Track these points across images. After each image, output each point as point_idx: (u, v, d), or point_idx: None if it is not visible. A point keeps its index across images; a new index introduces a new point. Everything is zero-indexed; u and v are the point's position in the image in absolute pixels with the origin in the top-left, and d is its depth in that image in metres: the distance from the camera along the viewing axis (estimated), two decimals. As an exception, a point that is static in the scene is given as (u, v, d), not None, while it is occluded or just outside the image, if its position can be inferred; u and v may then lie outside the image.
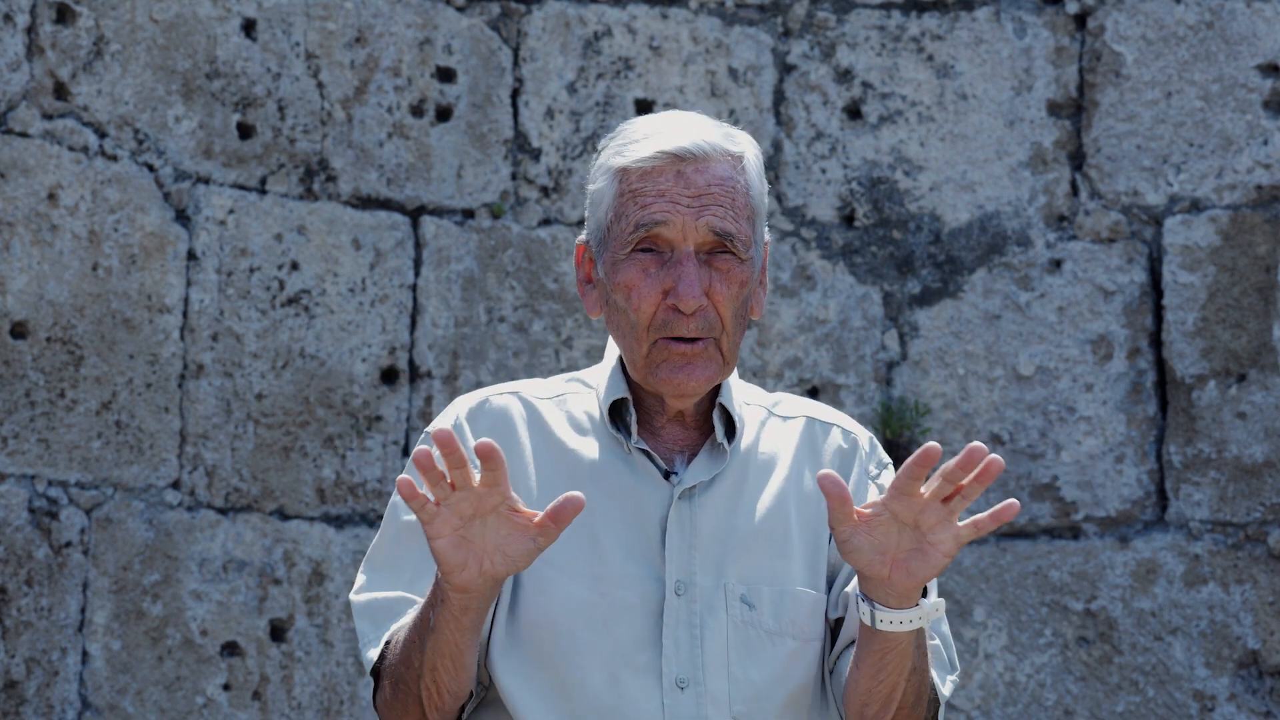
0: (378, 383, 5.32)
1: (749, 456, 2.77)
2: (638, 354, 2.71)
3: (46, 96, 5.01)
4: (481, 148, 5.48)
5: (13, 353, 4.92)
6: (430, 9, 5.47)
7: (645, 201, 2.68)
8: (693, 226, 2.67)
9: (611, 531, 2.68)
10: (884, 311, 5.51)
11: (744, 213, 2.71)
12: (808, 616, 2.71)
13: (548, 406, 2.79)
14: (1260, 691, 5.24)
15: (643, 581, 2.66)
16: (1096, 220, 5.47)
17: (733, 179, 2.71)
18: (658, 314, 2.68)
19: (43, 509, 4.91)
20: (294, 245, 5.28)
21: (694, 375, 2.69)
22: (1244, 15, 5.44)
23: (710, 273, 2.69)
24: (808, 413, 2.85)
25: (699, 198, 2.68)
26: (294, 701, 5.15)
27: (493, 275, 5.44)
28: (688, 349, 2.68)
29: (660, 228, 2.67)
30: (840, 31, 5.58)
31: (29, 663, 4.88)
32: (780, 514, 2.74)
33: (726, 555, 2.70)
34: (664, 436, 2.76)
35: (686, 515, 2.70)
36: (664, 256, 2.69)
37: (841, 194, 5.55)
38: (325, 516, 5.24)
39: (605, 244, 2.73)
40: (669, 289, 2.68)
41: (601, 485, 2.70)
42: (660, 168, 2.69)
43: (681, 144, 2.70)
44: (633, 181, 2.70)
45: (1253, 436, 5.30)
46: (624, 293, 2.70)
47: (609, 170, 2.74)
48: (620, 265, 2.70)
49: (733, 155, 2.73)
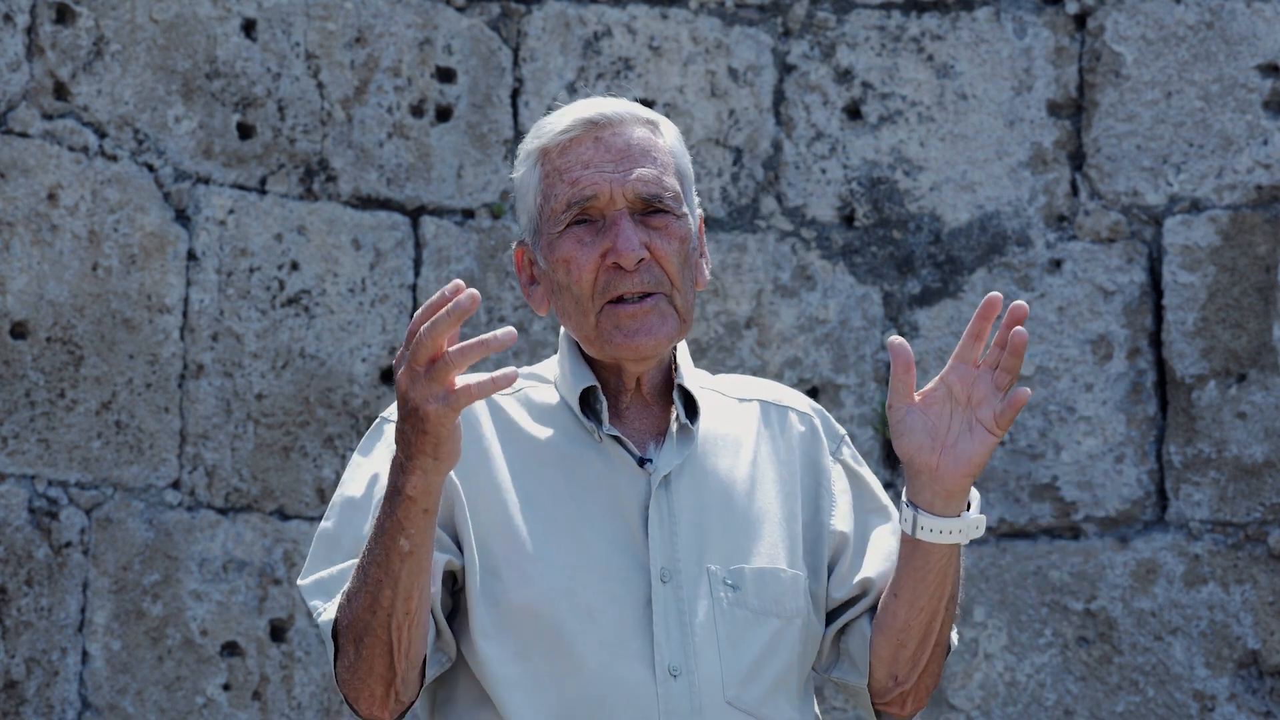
0: (378, 383, 5.32)
1: (710, 439, 2.77)
2: (587, 326, 2.70)
3: (46, 96, 5.02)
4: (481, 148, 5.48)
5: (13, 353, 4.92)
6: (430, 9, 5.47)
7: (571, 177, 2.69)
8: (620, 188, 2.68)
9: (591, 521, 2.67)
10: (884, 311, 5.51)
11: (669, 169, 2.71)
12: (788, 594, 2.72)
13: (507, 401, 2.76)
14: (1260, 691, 5.24)
15: (627, 571, 2.65)
16: (1096, 220, 5.47)
17: (650, 139, 2.72)
18: (599, 278, 2.68)
19: (43, 509, 4.92)
20: (294, 245, 5.28)
21: (651, 334, 2.69)
22: (1244, 15, 5.44)
23: (647, 231, 2.69)
24: (759, 395, 2.85)
25: (622, 160, 2.69)
26: (294, 701, 5.15)
27: (493, 275, 5.44)
28: (636, 309, 2.68)
29: (591, 200, 2.67)
30: (840, 31, 5.58)
31: (29, 663, 4.88)
32: (750, 496, 2.75)
33: (706, 540, 2.69)
34: (629, 420, 2.75)
35: (665, 501, 2.69)
36: (598, 225, 2.69)
37: (841, 194, 5.55)
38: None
39: (539, 231, 2.73)
40: (607, 250, 2.67)
41: (575, 475, 2.69)
42: (578, 138, 2.70)
43: (596, 111, 2.72)
44: (554, 159, 2.71)
45: (1253, 436, 5.30)
46: (564, 267, 2.69)
47: (529, 155, 2.75)
48: (555, 243, 2.70)
49: (648, 120, 2.74)
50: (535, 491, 2.69)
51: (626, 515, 2.68)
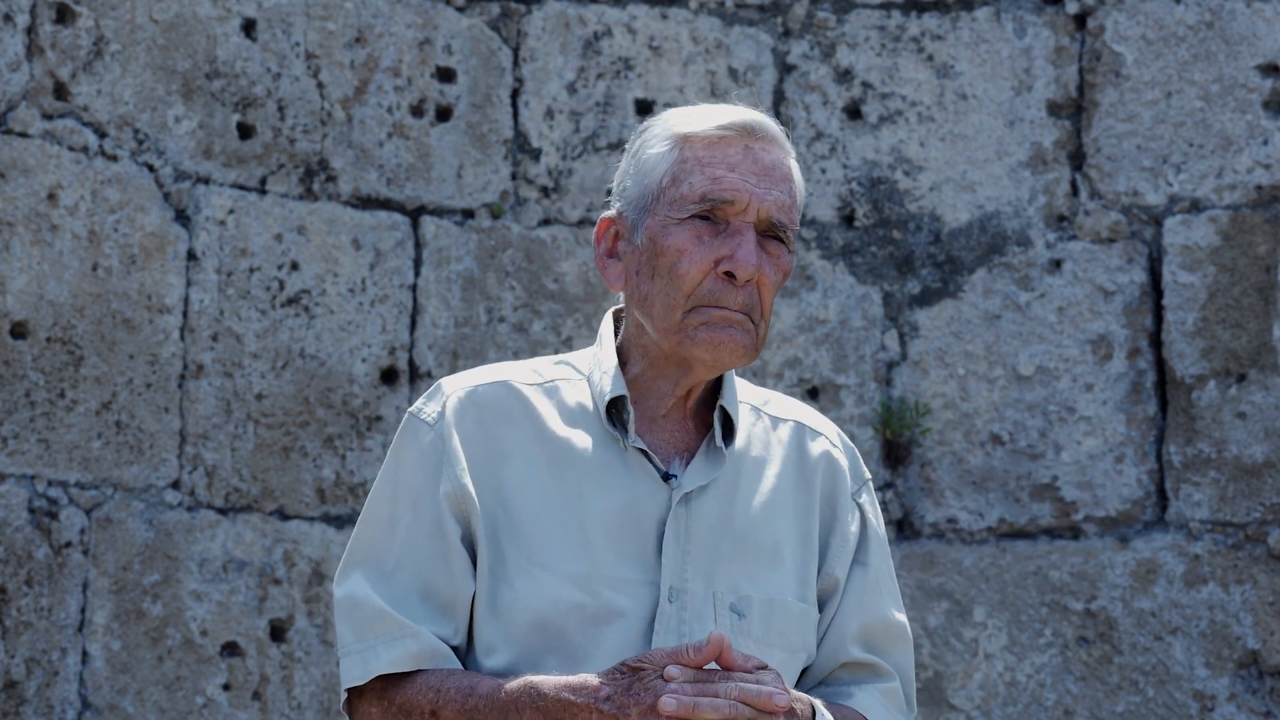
0: (378, 383, 5.32)
1: (741, 459, 2.74)
2: (671, 320, 2.66)
3: (46, 96, 5.01)
4: (481, 148, 5.48)
5: (13, 353, 4.91)
6: (430, 9, 5.47)
7: (714, 173, 2.65)
8: (759, 203, 2.64)
9: (605, 530, 2.64)
10: (884, 311, 5.51)
11: (798, 204, 2.70)
12: (796, 628, 2.69)
13: (537, 395, 2.73)
14: (1260, 691, 5.24)
15: (635, 586, 2.63)
16: (1096, 220, 5.47)
17: (791, 168, 2.70)
18: (705, 281, 2.64)
19: (43, 509, 4.91)
20: (294, 245, 5.28)
21: (735, 340, 2.65)
22: (1244, 15, 5.44)
23: (762, 254, 2.66)
24: (798, 417, 2.82)
25: (766, 176, 2.66)
26: (294, 701, 5.15)
27: (493, 275, 5.44)
28: (731, 315, 2.64)
29: (727, 204, 2.64)
30: (840, 31, 5.58)
31: (29, 663, 4.87)
32: (771, 522, 2.71)
33: (717, 562, 2.67)
34: (660, 433, 2.71)
35: (683, 520, 2.66)
36: (719, 227, 2.65)
37: (841, 194, 5.55)
38: (325, 516, 5.24)
39: (651, 210, 2.68)
40: (723, 258, 2.63)
41: (596, 480, 2.66)
42: (729, 139, 2.66)
43: (752, 120, 2.68)
44: (698, 149, 2.67)
45: (1253, 436, 5.30)
46: (674, 255, 2.65)
47: (670, 136, 2.69)
48: (670, 229, 2.66)
49: (789, 149, 2.72)
50: (554, 494, 2.66)
51: (642, 528, 2.65)
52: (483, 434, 2.68)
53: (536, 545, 2.63)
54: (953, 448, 5.43)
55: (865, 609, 2.77)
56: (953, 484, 5.42)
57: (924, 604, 5.36)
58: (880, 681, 2.77)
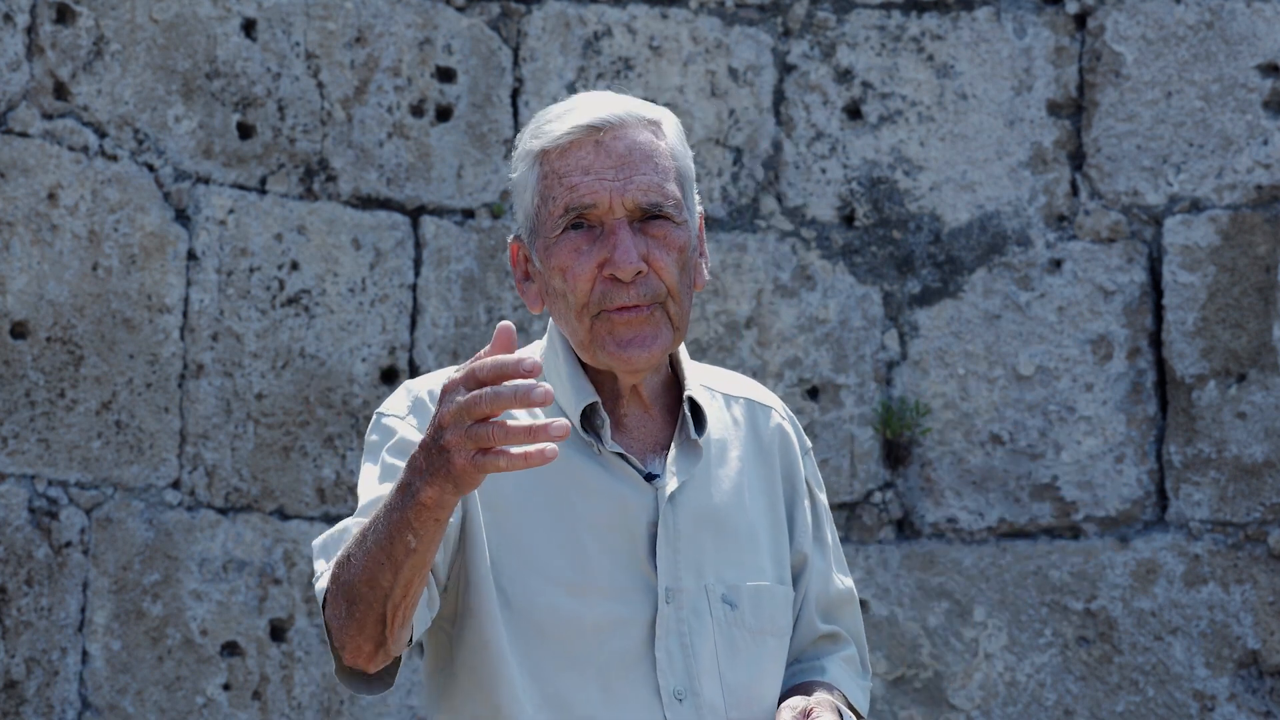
0: (378, 383, 5.32)
1: (707, 444, 2.72)
2: (581, 333, 2.63)
3: (46, 96, 5.01)
4: (481, 148, 5.48)
5: (13, 353, 4.92)
6: (430, 9, 5.47)
7: (570, 182, 2.62)
8: (620, 197, 2.61)
9: (595, 537, 2.62)
10: (884, 311, 5.51)
11: (670, 174, 2.65)
12: (780, 611, 2.70)
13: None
14: (1260, 691, 5.24)
15: (632, 592, 2.62)
16: (1096, 220, 5.47)
17: (652, 143, 2.65)
18: (595, 288, 2.61)
19: (43, 509, 4.91)
20: (294, 245, 5.28)
21: (645, 348, 2.62)
22: (1244, 15, 5.44)
23: (646, 240, 2.62)
24: (747, 394, 2.81)
25: (622, 166, 2.62)
26: (294, 701, 5.15)
27: (493, 275, 5.44)
28: (631, 318, 2.61)
29: (590, 208, 2.61)
30: (840, 31, 5.58)
31: (29, 663, 4.88)
32: (743, 506, 2.71)
33: (703, 555, 2.66)
34: (629, 429, 2.70)
35: (671, 519, 2.65)
36: (595, 232, 2.63)
37: (841, 194, 5.55)
38: (325, 516, 5.24)
39: (536, 232, 2.66)
40: (604, 260, 2.61)
41: (579, 487, 2.64)
42: (578, 141, 2.63)
43: (597, 114, 2.65)
44: (553, 161, 2.64)
45: (1253, 436, 5.30)
46: (559, 274, 2.62)
47: (528, 155, 2.67)
48: (552, 248, 2.63)
49: (649, 120, 2.68)
50: (540, 504, 2.64)
51: (633, 531, 2.64)
52: None
53: (529, 551, 2.62)
54: (953, 448, 5.44)
55: (826, 583, 2.79)
56: (953, 484, 5.42)
57: (924, 604, 5.36)
58: (840, 649, 2.79)
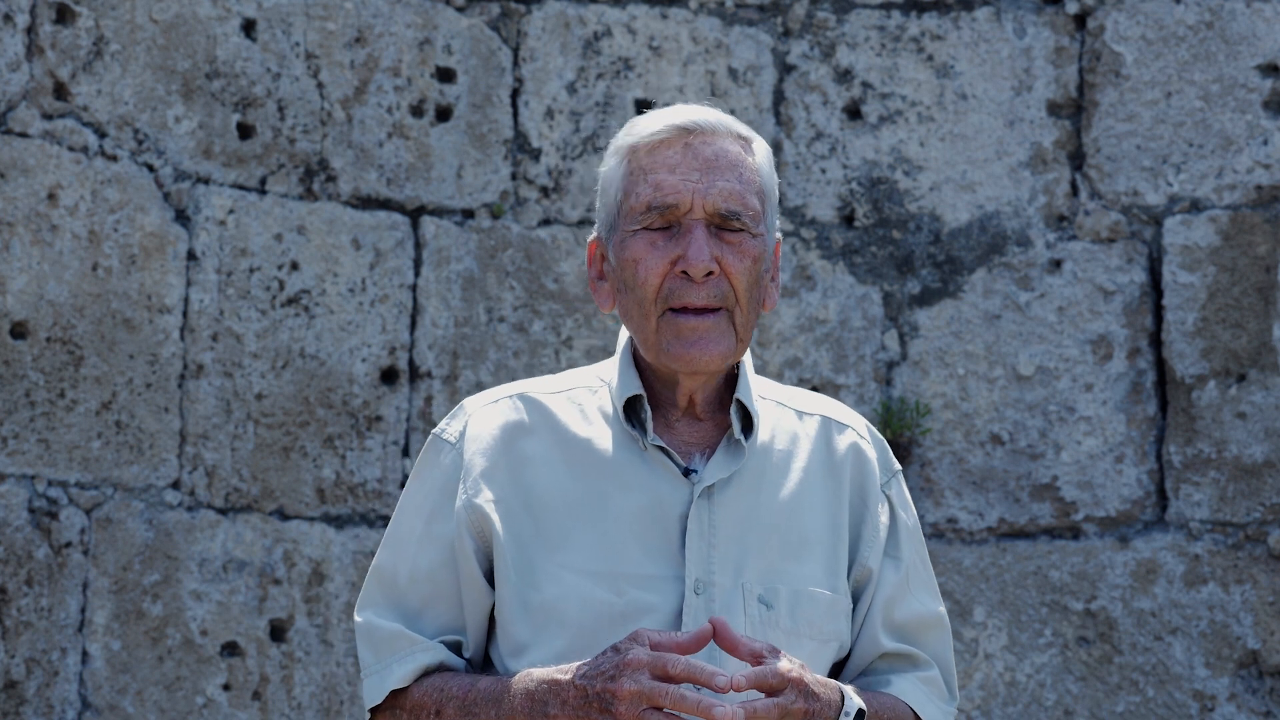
0: (378, 383, 5.32)
1: (766, 452, 2.75)
2: (647, 330, 2.69)
3: (46, 96, 5.01)
4: (481, 148, 5.48)
5: (13, 353, 4.92)
6: (430, 9, 5.47)
7: (655, 179, 2.67)
8: (701, 199, 2.66)
9: (628, 528, 2.66)
10: (884, 311, 5.51)
11: (752, 187, 2.70)
12: (824, 617, 2.71)
13: (558, 402, 2.76)
14: (1260, 691, 5.24)
15: (661, 582, 2.65)
16: (1096, 220, 5.47)
17: (740, 155, 2.71)
18: (665, 283, 2.66)
19: (43, 509, 4.91)
20: (294, 245, 5.28)
21: (707, 350, 2.67)
22: (1244, 15, 5.44)
23: (721, 244, 2.67)
24: (824, 411, 2.83)
25: (707, 169, 2.67)
26: (294, 701, 5.15)
27: (493, 275, 5.44)
28: (698, 323, 2.66)
29: (671, 208, 2.66)
30: (840, 31, 5.58)
31: (29, 663, 4.88)
32: (797, 514, 2.73)
33: (745, 554, 2.68)
34: (679, 432, 2.74)
35: (705, 513, 2.68)
36: (672, 230, 2.67)
37: (841, 194, 5.55)
38: (325, 516, 5.24)
39: (614, 226, 2.72)
40: (677, 258, 2.66)
41: (617, 480, 2.68)
42: (668, 140, 2.68)
43: (690, 117, 2.70)
44: (641, 158, 2.69)
45: (1253, 436, 5.30)
46: (631, 267, 2.68)
47: (618, 150, 2.73)
48: (628, 242, 2.69)
49: (741, 136, 2.73)
50: (577, 497, 2.68)
51: (666, 524, 2.67)
52: (504, 445, 2.72)
53: (562, 547, 2.66)
54: (953, 448, 5.44)
55: (898, 601, 2.79)
56: (953, 484, 5.42)
57: (924, 604, 5.37)
58: (918, 670, 2.79)
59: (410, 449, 5.32)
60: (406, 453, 5.32)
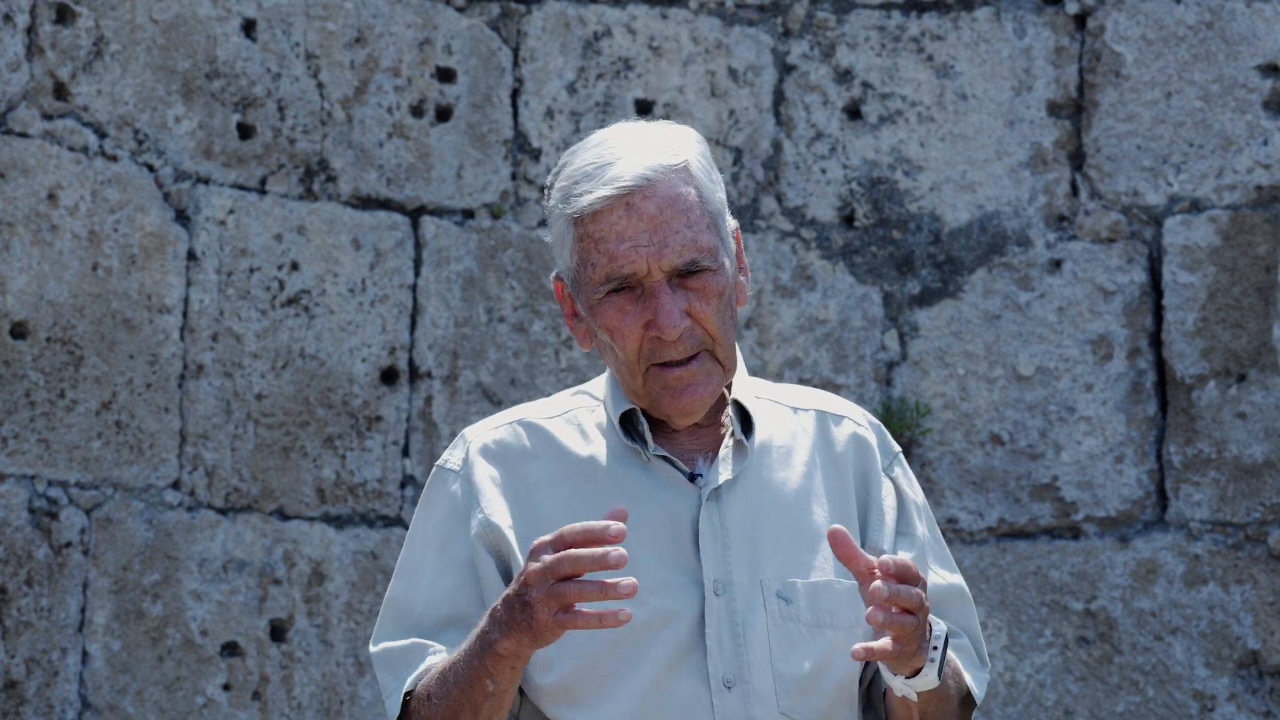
0: (378, 383, 5.32)
1: (766, 451, 2.77)
2: (635, 385, 2.72)
3: (46, 96, 5.01)
4: (481, 148, 5.48)
5: (13, 353, 4.92)
6: (430, 9, 5.47)
7: (607, 249, 2.67)
8: (656, 261, 2.66)
9: (641, 539, 2.66)
10: (884, 311, 5.51)
11: (702, 223, 2.69)
12: (845, 605, 2.71)
13: (557, 424, 2.79)
14: (1260, 691, 5.24)
15: (680, 587, 2.67)
16: (1096, 220, 5.47)
17: (682, 196, 2.69)
18: (643, 346, 2.69)
19: (43, 509, 4.91)
20: (294, 245, 5.28)
21: (696, 394, 2.70)
22: (1244, 15, 5.44)
23: (686, 294, 2.68)
24: (818, 405, 2.85)
25: (655, 229, 2.66)
26: (294, 701, 5.15)
27: (493, 275, 5.44)
28: (682, 373, 2.69)
29: (628, 276, 2.67)
30: (840, 31, 5.58)
31: (29, 663, 4.88)
32: (805, 508, 2.75)
33: (759, 552, 2.70)
34: (679, 439, 2.76)
35: (716, 515, 2.70)
36: (637, 292, 2.68)
37: (841, 194, 5.55)
38: (325, 516, 5.24)
39: (579, 286, 2.73)
40: (649, 321, 2.68)
41: (625, 494, 2.70)
42: (610, 207, 2.67)
43: (623, 179, 2.68)
44: (587, 226, 2.69)
45: (1253, 436, 5.30)
46: (609, 334, 2.70)
47: (563, 218, 2.72)
48: (597, 309, 2.70)
49: (675, 169, 2.71)
50: (587, 515, 2.66)
51: (678, 531, 2.69)
52: (508, 472, 2.74)
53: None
54: (953, 448, 5.44)
55: None
56: (953, 484, 5.42)
57: (924, 604, 5.36)
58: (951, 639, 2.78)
59: (410, 449, 5.32)
60: (406, 453, 5.32)
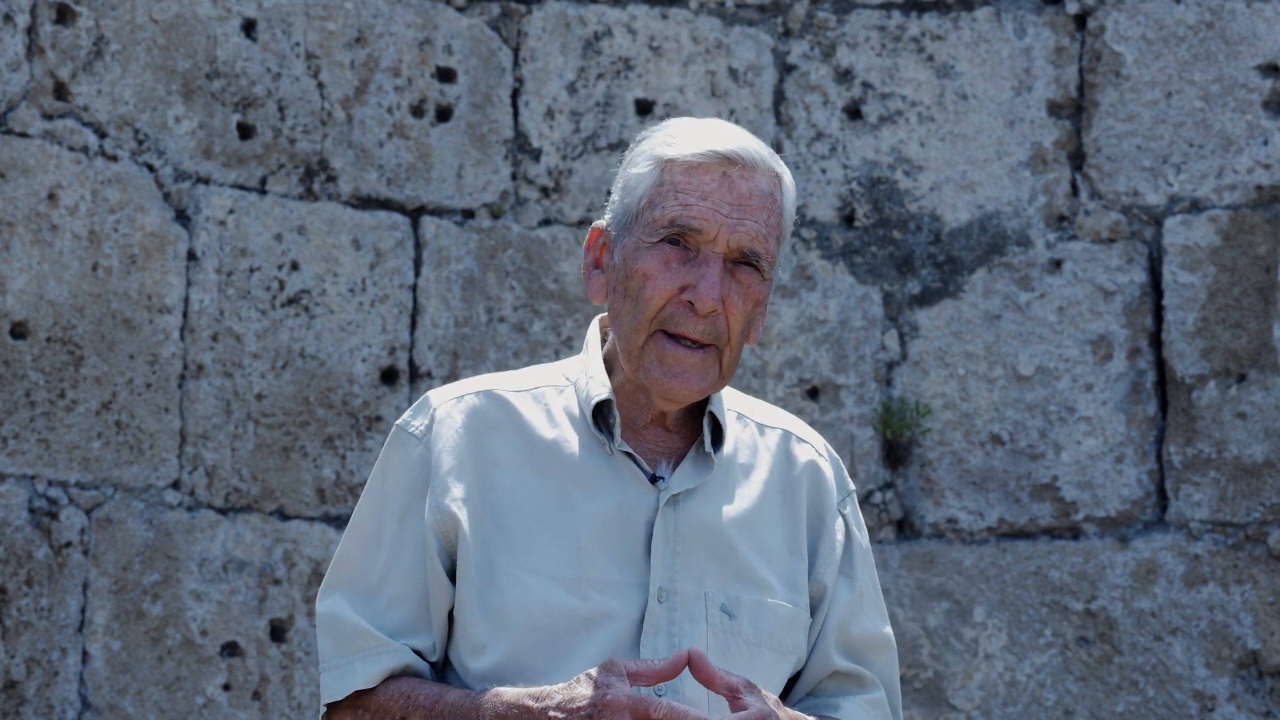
0: (378, 383, 5.32)
1: (730, 464, 2.75)
2: (633, 344, 2.67)
3: (46, 96, 5.02)
4: (481, 148, 5.48)
5: (13, 353, 4.92)
6: (430, 9, 5.47)
7: (686, 200, 2.65)
8: (728, 232, 2.65)
9: (594, 533, 2.65)
10: (884, 311, 5.51)
11: (775, 231, 2.69)
12: (785, 630, 2.71)
13: (524, 401, 2.75)
14: (1260, 691, 5.24)
15: (624, 588, 2.64)
16: (1096, 220, 5.47)
17: (772, 195, 2.69)
18: (667, 307, 2.65)
19: (43, 509, 4.92)
20: (294, 245, 5.28)
21: (689, 383, 2.67)
22: (1244, 15, 5.44)
23: (731, 282, 2.66)
24: (785, 425, 2.83)
25: (740, 206, 2.65)
26: (294, 701, 5.15)
27: (493, 275, 5.44)
28: (686, 355, 2.66)
29: (695, 233, 2.64)
30: (840, 31, 5.58)
31: (29, 663, 4.88)
32: (760, 526, 2.73)
33: (708, 564, 2.68)
34: (646, 439, 2.73)
35: (672, 521, 2.68)
36: (689, 253, 2.65)
37: (841, 194, 5.55)
38: (325, 516, 5.24)
39: (629, 229, 2.69)
40: (687, 285, 2.64)
41: (583, 485, 2.68)
42: (707, 165, 2.66)
43: (733, 147, 2.68)
44: (675, 174, 2.67)
45: (1253, 436, 5.30)
46: (640, 280, 2.66)
47: (653, 158, 2.69)
48: (642, 252, 2.67)
49: (776, 173, 2.72)
50: (542, 500, 2.68)
51: (632, 530, 2.67)
52: (470, 443, 2.70)
53: (525, 550, 2.65)
54: (953, 448, 5.44)
55: (851, 621, 2.79)
56: (953, 484, 5.42)
57: (924, 604, 5.36)
58: (865, 692, 2.79)
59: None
60: (406, 453, 5.32)
